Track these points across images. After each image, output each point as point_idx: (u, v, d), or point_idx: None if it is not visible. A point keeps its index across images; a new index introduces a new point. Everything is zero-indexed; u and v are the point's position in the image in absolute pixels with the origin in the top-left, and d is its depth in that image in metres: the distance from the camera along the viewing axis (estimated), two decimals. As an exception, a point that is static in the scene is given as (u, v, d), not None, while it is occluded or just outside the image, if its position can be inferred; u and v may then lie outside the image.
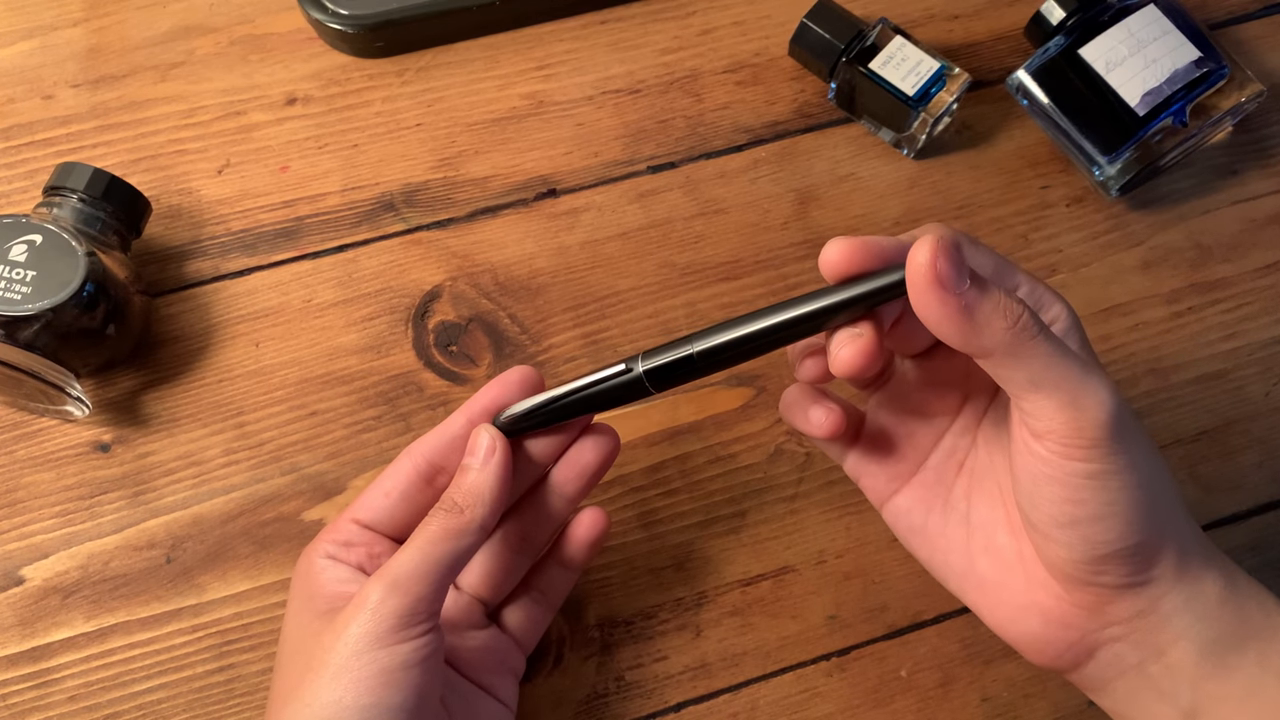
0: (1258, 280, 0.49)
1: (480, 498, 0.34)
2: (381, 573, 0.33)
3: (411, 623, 0.32)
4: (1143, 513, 0.32)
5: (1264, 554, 0.45)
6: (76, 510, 0.44)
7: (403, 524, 0.37)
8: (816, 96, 0.52)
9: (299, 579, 0.36)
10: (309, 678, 0.32)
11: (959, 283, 0.30)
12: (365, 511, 0.37)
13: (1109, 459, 0.31)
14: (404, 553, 0.33)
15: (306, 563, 0.36)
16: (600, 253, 0.48)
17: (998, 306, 0.30)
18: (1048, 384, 0.31)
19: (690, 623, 0.43)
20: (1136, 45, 0.46)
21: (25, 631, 0.42)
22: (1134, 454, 0.32)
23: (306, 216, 0.49)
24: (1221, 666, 0.32)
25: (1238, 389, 0.47)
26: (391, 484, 0.37)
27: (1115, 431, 0.31)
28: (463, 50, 0.52)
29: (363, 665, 0.32)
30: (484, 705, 0.38)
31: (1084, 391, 0.31)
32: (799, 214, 0.49)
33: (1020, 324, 0.31)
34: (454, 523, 0.34)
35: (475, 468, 0.35)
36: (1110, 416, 0.31)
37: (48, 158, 0.49)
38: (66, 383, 0.41)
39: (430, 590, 0.33)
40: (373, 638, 0.32)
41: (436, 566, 0.33)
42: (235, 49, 0.51)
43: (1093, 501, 0.32)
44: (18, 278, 0.41)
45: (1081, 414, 0.31)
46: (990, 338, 0.30)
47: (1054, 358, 0.31)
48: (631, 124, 0.51)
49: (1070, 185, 0.50)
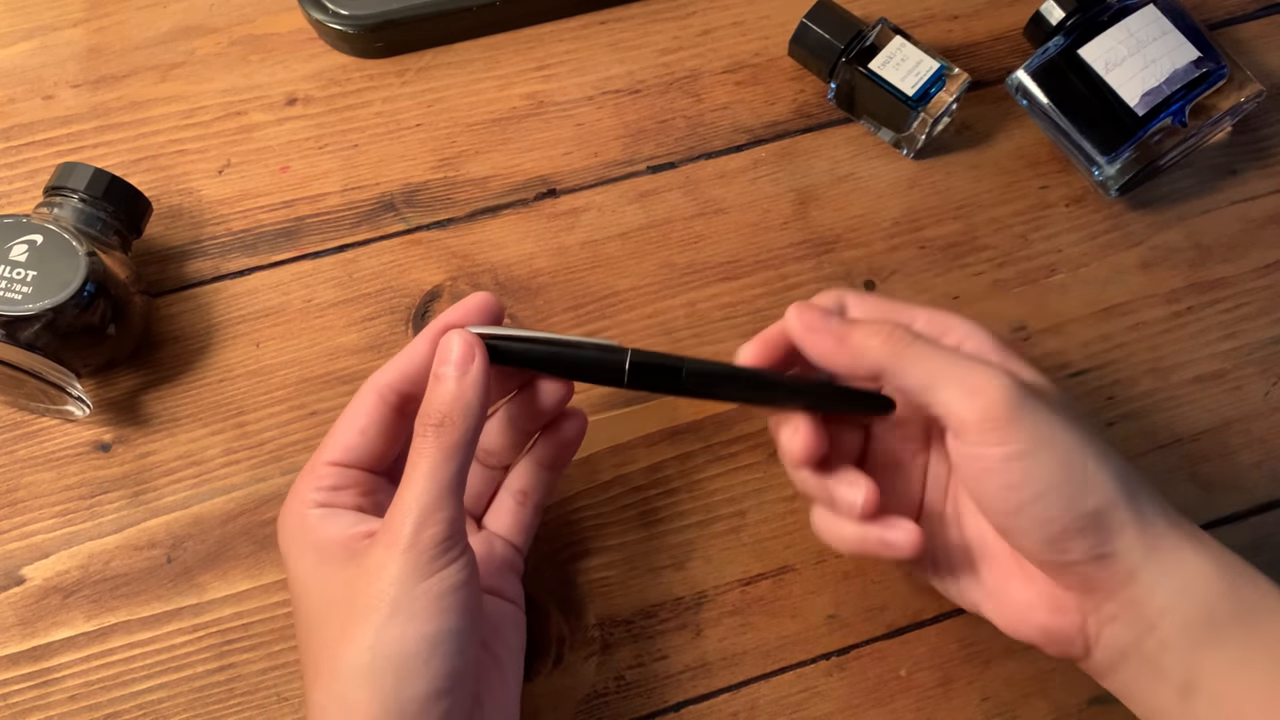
0: (1257, 280, 0.49)
1: (467, 408, 0.34)
2: (401, 507, 0.33)
3: (449, 548, 0.33)
4: (1076, 483, 0.33)
5: (1264, 554, 0.45)
6: (77, 510, 0.44)
7: (381, 456, 0.36)
8: (816, 96, 0.52)
9: (294, 536, 0.35)
10: (358, 623, 0.32)
11: (824, 321, 0.36)
12: (341, 452, 0.36)
13: (1022, 437, 0.33)
14: (415, 483, 0.33)
15: (296, 519, 0.35)
16: (600, 253, 0.48)
17: (867, 329, 0.35)
18: (940, 381, 0.34)
19: (690, 623, 0.43)
20: (1136, 45, 0.46)
21: (26, 631, 0.42)
22: (1050, 428, 0.34)
23: (307, 216, 0.49)
24: (1211, 638, 0.33)
25: (1237, 389, 0.47)
26: (365, 420, 0.36)
27: (1018, 409, 0.33)
28: (463, 50, 0.52)
29: (415, 598, 0.32)
30: (495, 607, 0.38)
31: (977, 379, 0.34)
32: (799, 214, 0.49)
33: (893, 336, 0.35)
34: (449, 438, 0.33)
35: (453, 376, 0.34)
36: (1007, 395, 0.33)
37: (48, 158, 0.49)
38: (67, 382, 0.41)
39: (454, 511, 0.33)
40: (417, 571, 0.32)
41: (449, 487, 0.33)
42: (236, 49, 0.51)
43: (1025, 482, 0.33)
44: (18, 278, 0.41)
45: (980, 398, 0.34)
46: (871, 356, 0.35)
47: (937, 358, 0.35)
48: (631, 124, 0.51)
49: (1070, 185, 0.50)
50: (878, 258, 0.49)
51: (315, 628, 0.34)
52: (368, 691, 0.31)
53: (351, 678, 0.32)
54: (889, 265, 0.49)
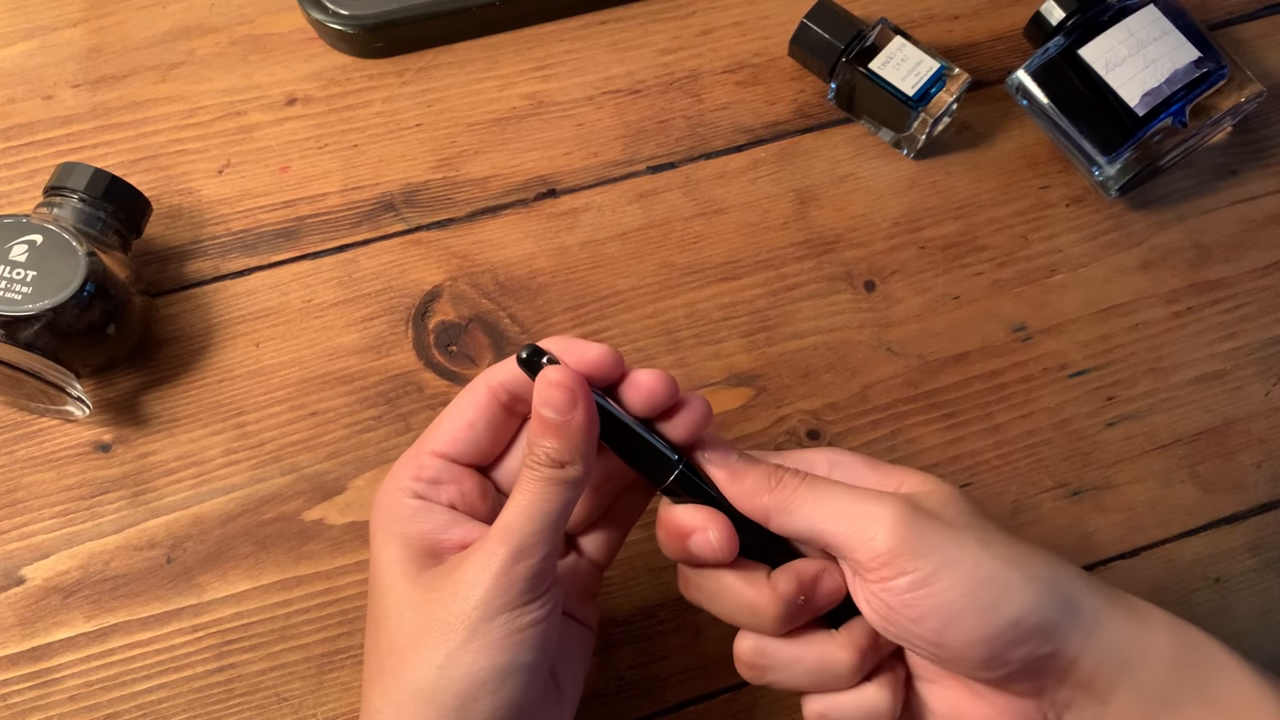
0: (1257, 280, 0.49)
1: (574, 451, 0.33)
2: (501, 534, 0.32)
3: (539, 584, 0.32)
4: (990, 596, 0.32)
5: (1264, 554, 0.45)
6: (77, 510, 0.44)
7: (487, 453, 0.36)
8: (816, 96, 0.52)
9: (387, 521, 0.34)
10: (433, 638, 0.32)
11: (725, 457, 0.35)
12: (448, 444, 0.35)
13: (920, 563, 0.32)
14: (519, 512, 0.32)
15: (393, 503, 0.34)
16: (600, 253, 0.48)
17: (760, 475, 0.35)
18: (827, 523, 0.33)
19: (690, 623, 0.43)
20: (1136, 45, 0.46)
21: (26, 631, 0.42)
22: (949, 547, 0.32)
23: (307, 216, 0.49)
24: (1165, 710, 0.32)
25: (1237, 389, 0.47)
26: (474, 414, 0.35)
27: (911, 537, 0.32)
28: (463, 50, 0.52)
29: (494, 629, 0.31)
30: (571, 630, 0.37)
31: (864, 514, 0.33)
32: (799, 214, 0.49)
33: (780, 484, 0.34)
34: (559, 475, 0.33)
35: (558, 420, 0.33)
36: (896, 525, 0.32)
37: (48, 158, 0.49)
38: (67, 383, 0.41)
39: (550, 549, 0.32)
40: (503, 603, 0.31)
41: (552, 524, 0.32)
42: (235, 49, 0.51)
43: (936, 608, 0.32)
44: (18, 278, 0.41)
45: (870, 533, 0.32)
46: (759, 501, 0.34)
47: (821, 500, 0.34)
48: (631, 124, 0.51)
49: (1070, 185, 0.50)
50: (878, 258, 0.49)
51: (387, 624, 0.33)
52: (429, 711, 0.31)
53: (414, 692, 0.31)
54: (889, 265, 0.49)
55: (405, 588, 0.33)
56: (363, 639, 0.42)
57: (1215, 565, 0.44)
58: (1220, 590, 0.44)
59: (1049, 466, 0.46)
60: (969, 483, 0.45)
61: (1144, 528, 0.45)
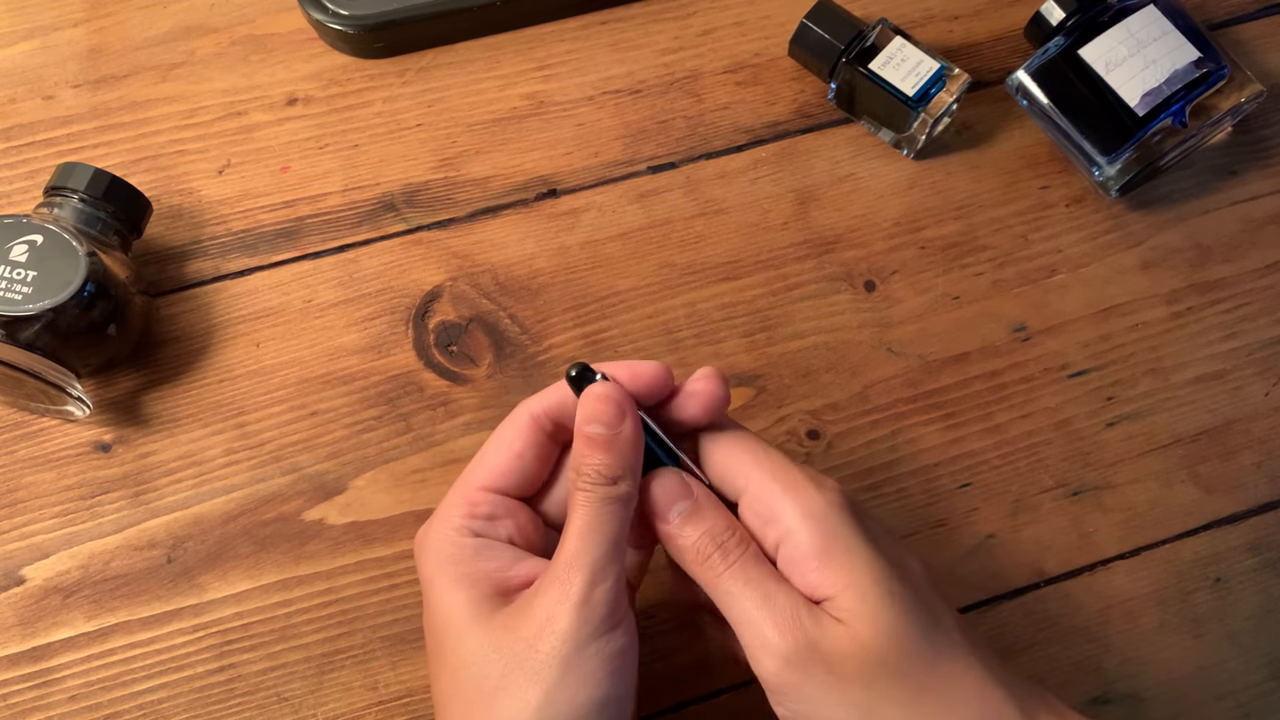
0: (1257, 280, 0.49)
1: (627, 466, 0.32)
2: (572, 562, 0.31)
3: (618, 607, 0.32)
4: None
5: (1263, 554, 0.45)
6: (77, 510, 0.44)
7: (535, 480, 0.35)
8: (816, 97, 0.52)
9: (444, 565, 0.33)
10: (525, 679, 0.31)
11: (664, 515, 0.33)
12: (498, 477, 0.34)
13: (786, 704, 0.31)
14: (581, 537, 0.32)
15: (451, 544, 0.33)
16: (600, 253, 0.48)
17: (689, 541, 0.33)
18: (732, 618, 0.32)
19: (690, 622, 0.43)
20: (1136, 46, 0.46)
21: (26, 631, 0.42)
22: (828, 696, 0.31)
23: (307, 217, 0.49)
24: None
25: (1237, 389, 0.47)
26: (521, 444, 0.34)
27: (789, 681, 0.31)
28: (463, 50, 0.52)
29: (587, 659, 0.31)
30: None
31: (759, 632, 0.31)
32: (799, 214, 0.49)
33: (705, 563, 0.33)
34: (614, 493, 0.32)
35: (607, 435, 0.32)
36: (780, 664, 0.31)
37: (48, 158, 0.49)
38: (67, 383, 0.41)
39: (620, 569, 0.32)
40: (589, 633, 0.31)
41: (615, 544, 0.32)
42: (236, 49, 0.51)
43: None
44: (18, 278, 0.41)
45: (757, 654, 0.32)
46: (690, 569, 0.33)
47: (731, 596, 0.32)
48: (631, 124, 0.51)
49: (1070, 185, 0.50)
50: (878, 258, 0.49)
51: (469, 670, 0.32)
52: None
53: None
54: (889, 265, 0.49)
55: (483, 630, 0.32)
56: (363, 638, 0.42)
57: (1215, 565, 0.44)
58: (1220, 590, 0.44)
59: (1049, 466, 0.46)
60: (969, 483, 0.45)
61: (1144, 528, 0.45)
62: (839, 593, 0.32)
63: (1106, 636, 0.43)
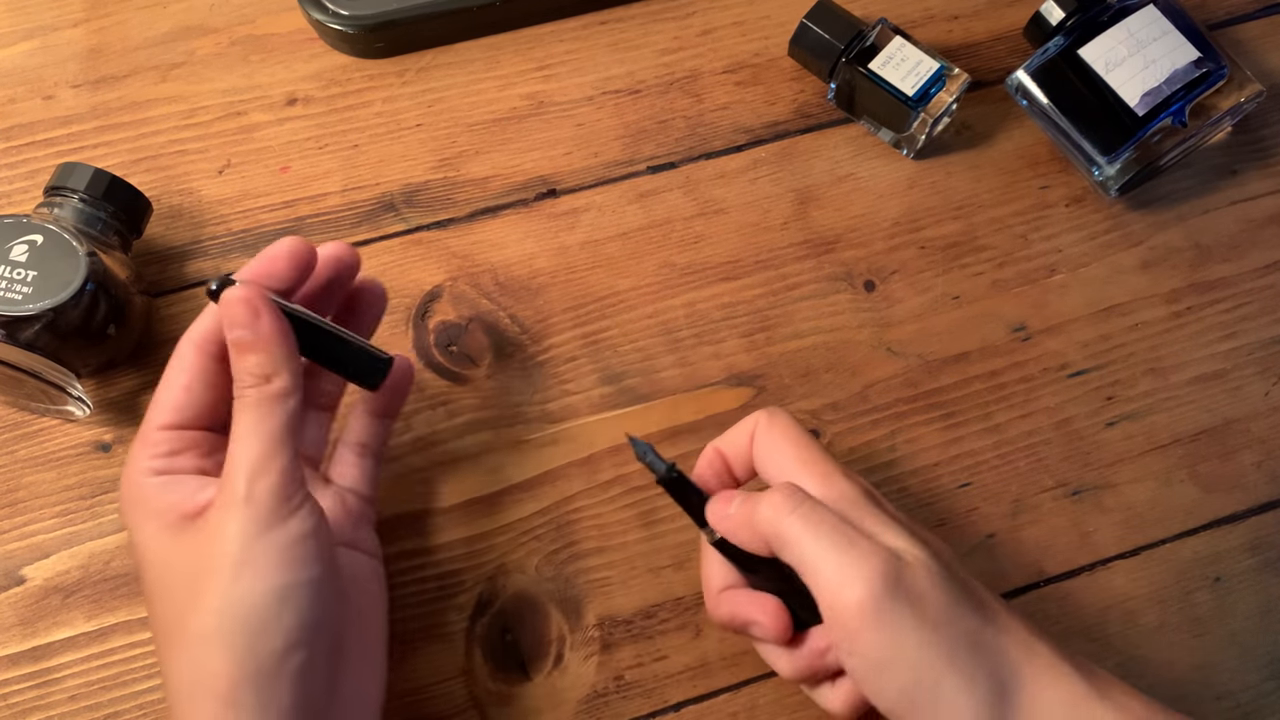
0: (1257, 280, 0.49)
1: (275, 360, 0.33)
2: (233, 466, 0.33)
3: (288, 497, 0.32)
4: (926, 704, 0.32)
5: (1263, 554, 0.45)
6: (77, 510, 0.44)
7: (213, 410, 0.36)
8: (816, 97, 0.52)
9: (134, 506, 0.34)
10: (204, 587, 0.32)
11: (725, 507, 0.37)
12: (172, 414, 0.35)
13: (869, 649, 0.32)
14: (242, 441, 0.33)
15: (135, 489, 0.34)
16: (600, 253, 0.48)
17: (763, 508, 0.35)
18: (809, 568, 0.34)
19: (690, 622, 0.43)
20: (1136, 45, 0.46)
21: (26, 631, 0.42)
22: (905, 638, 0.32)
23: (307, 217, 0.49)
24: None
25: (1237, 389, 0.47)
26: (188, 377, 0.35)
27: (872, 615, 0.32)
28: (463, 51, 0.52)
29: (259, 554, 0.32)
30: (353, 559, 0.38)
31: (840, 574, 0.33)
32: (799, 214, 0.49)
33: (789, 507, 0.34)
34: (269, 390, 0.33)
35: (249, 336, 0.34)
36: (863, 599, 0.32)
37: (48, 158, 0.49)
38: (67, 383, 0.41)
39: (287, 462, 0.33)
40: (257, 524, 0.32)
41: (278, 438, 0.33)
42: (236, 49, 0.51)
43: (877, 693, 0.33)
44: (19, 278, 0.41)
45: (838, 596, 0.33)
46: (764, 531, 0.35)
47: (809, 542, 0.33)
48: (631, 124, 0.51)
49: (1070, 185, 0.50)
50: (878, 258, 0.49)
51: (162, 596, 0.33)
52: (221, 653, 0.31)
53: (203, 643, 0.31)
54: (889, 265, 0.49)
55: (168, 555, 0.33)
56: (362, 639, 0.42)
57: (1215, 565, 0.44)
58: (1220, 590, 0.44)
59: (1049, 466, 0.46)
60: (969, 483, 0.45)
61: (1144, 528, 0.45)
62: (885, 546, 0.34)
63: (1106, 636, 0.43)
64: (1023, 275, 0.49)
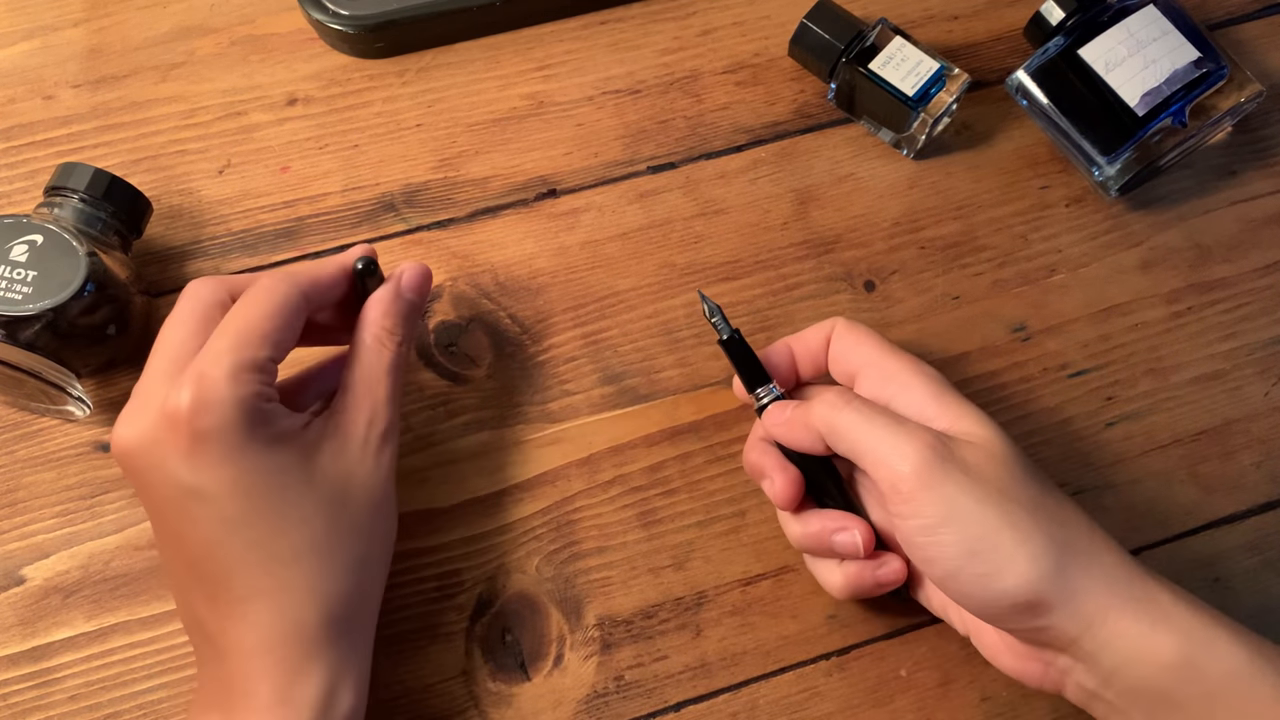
0: (1257, 280, 0.49)
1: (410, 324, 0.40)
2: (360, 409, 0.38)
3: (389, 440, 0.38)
4: (987, 562, 0.33)
5: (1263, 553, 0.45)
6: (77, 510, 0.44)
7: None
8: (816, 97, 0.52)
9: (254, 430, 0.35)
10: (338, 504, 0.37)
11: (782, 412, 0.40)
12: (275, 349, 0.36)
13: (928, 511, 0.34)
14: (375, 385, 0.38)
15: (255, 413, 0.35)
16: (600, 253, 0.48)
17: (813, 408, 0.38)
18: (863, 449, 0.36)
19: (690, 622, 0.43)
20: (1136, 46, 0.46)
21: (26, 631, 0.42)
22: (962, 500, 0.34)
23: (307, 217, 0.49)
24: (1165, 710, 0.33)
25: (1237, 389, 0.47)
26: (297, 319, 0.37)
27: (928, 480, 0.34)
28: (463, 51, 0.52)
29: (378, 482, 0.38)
30: None
31: (892, 448, 0.35)
32: (799, 214, 0.49)
33: (830, 407, 0.37)
34: (402, 353, 0.39)
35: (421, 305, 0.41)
36: (917, 465, 0.34)
37: (48, 158, 0.49)
38: (67, 383, 0.41)
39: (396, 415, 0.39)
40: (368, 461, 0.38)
41: (395, 396, 0.39)
42: (236, 49, 0.51)
43: (937, 558, 0.34)
44: (19, 278, 0.41)
45: (893, 467, 0.35)
46: (818, 428, 0.38)
47: (860, 427, 0.36)
48: (631, 124, 0.51)
49: (1070, 185, 0.50)
50: (878, 258, 0.49)
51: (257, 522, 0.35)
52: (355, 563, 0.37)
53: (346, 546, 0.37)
54: (889, 265, 0.49)
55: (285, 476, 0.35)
56: (363, 639, 0.42)
57: (1215, 565, 0.44)
58: (1220, 590, 0.44)
59: (1049, 466, 0.46)
60: (969, 483, 0.45)
61: (1144, 528, 0.45)
62: (955, 424, 0.36)
63: (1106, 636, 0.43)
64: (1023, 275, 0.49)
